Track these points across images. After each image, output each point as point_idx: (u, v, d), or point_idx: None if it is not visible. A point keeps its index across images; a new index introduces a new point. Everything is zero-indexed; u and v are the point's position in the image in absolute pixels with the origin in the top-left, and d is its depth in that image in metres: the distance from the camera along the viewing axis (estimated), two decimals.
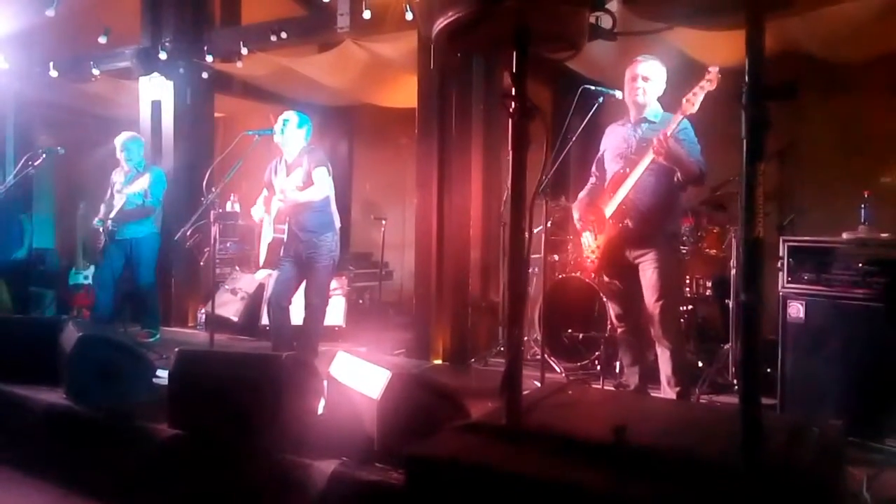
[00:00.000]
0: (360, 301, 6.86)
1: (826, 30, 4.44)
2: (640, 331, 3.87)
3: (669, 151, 3.46)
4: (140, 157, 5.99)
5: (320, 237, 4.59)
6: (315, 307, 4.67)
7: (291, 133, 4.63)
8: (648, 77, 3.70)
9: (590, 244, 3.88)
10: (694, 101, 3.41)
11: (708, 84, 3.38)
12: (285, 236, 4.54)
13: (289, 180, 4.49)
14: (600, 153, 4.01)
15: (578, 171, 6.61)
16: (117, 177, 5.99)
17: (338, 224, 4.75)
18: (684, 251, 4.60)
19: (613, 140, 3.90)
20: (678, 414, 2.81)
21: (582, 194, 4.06)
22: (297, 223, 4.55)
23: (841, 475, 2.18)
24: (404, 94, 6.50)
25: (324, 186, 4.52)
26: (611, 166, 3.86)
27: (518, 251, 2.07)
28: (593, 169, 4.07)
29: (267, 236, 4.70)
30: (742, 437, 1.79)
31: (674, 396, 3.67)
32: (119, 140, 5.94)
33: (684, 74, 4.24)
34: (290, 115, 4.68)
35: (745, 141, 1.70)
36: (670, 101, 3.78)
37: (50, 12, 6.71)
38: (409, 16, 5.32)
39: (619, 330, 3.95)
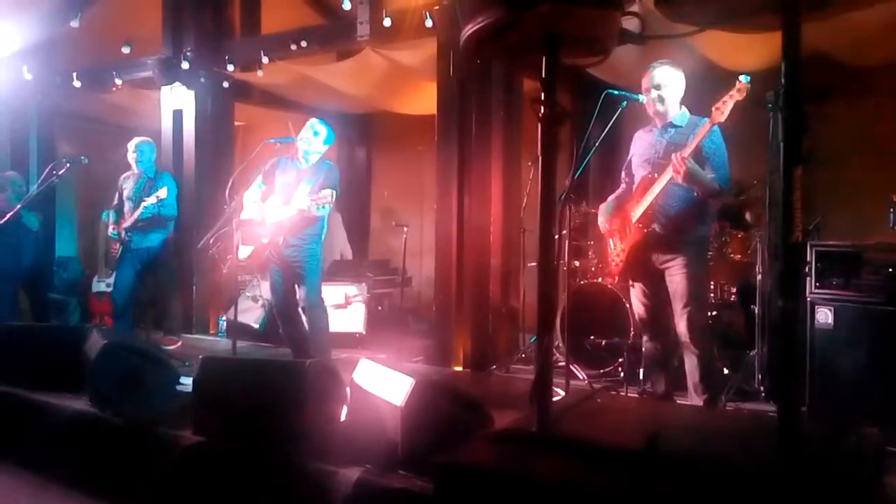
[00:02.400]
0: (380, 308, 6.86)
1: (849, 33, 4.39)
2: (665, 336, 3.83)
3: (687, 173, 3.46)
4: (151, 162, 6.02)
5: (307, 245, 4.63)
6: (314, 310, 4.69)
7: (318, 145, 4.68)
8: (662, 84, 3.67)
9: (615, 248, 3.85)
10: (723, 109, 3.38)
11: (738, 94, 3.35)
12: (282, 238, 4.58)
13: (314, 198, 4.41)
14: (628, 159, 3.97)
15: (599, 177, 6.60)
16: (126, 182, 6.02)
17: (324, 235, 4.79)
18: (709, 255, 4.55)
19: (641, 146, 3.87)
20: (709, 421, 2.78)
21: (611, 199, 4.02)
22: (289, 231, 4.58)
23: (880, 483, 2.13)
24: (423, 101, 6.51)
25: (328, 207, 4.53)
26: (639, 171, 3.83)
27: (548, 257, 2.05)
28: (623, 175, 4.04)
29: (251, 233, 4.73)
30: (780, 445, 1.76)
31: (701, 404, 3.62)
32: (132, 142, 5.97)
33: (708, 80, 4.21)
34: (322, 128, 4.70)
35: (782, 144, 1.68)
36: (696, 105, 3.76)
37: (74, 23, 6.82)
38: (428, 23, 5.33)
39: (644, 336, 3.91)
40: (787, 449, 1.72)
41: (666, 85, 3.68)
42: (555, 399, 3.09)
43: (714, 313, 4.70)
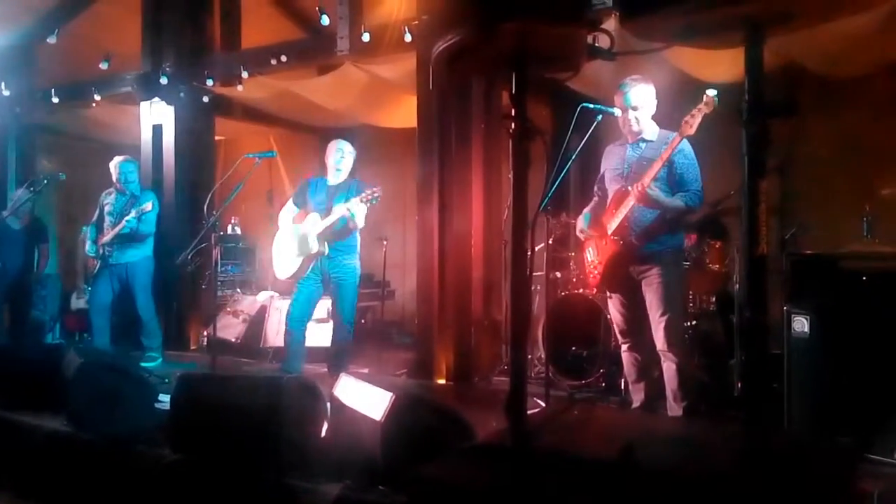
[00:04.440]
0: (363, 321, 6.84)
1: (824, 45, 4.46)
2: (644, 346, 3.85)
3: (648, 200, 3.54)
4: (137, 181, 6.01)
5: (346, 258, 4.81)
6: (345, 325, 4.83)
7: (350, 160, 4.94)
8: (638, 105, 3.71)
9: (592, 259, 3.88)
10: (692, 123, 3.43)
11: (706, 107, 3.40)
12: (326, 250, 4.72)
13: (355, 199, 4.64)
14: (601, 173, 4.03)
15: (579, 188, 6.63)
16: (108, 198, 5.99)
17: (359, 248, 4.98)
18: (686, 265, 4.59)
19: (612, 160, 3.93)
20: (686, 431, 2.79)
21: (586, 211, 4.08)
22: (330, 240, 4.74)
23: (851, 492, 2.15)
24: (404, 114, 6.53)
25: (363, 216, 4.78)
26: (612, 185, 3.88)
27: (521, 272, 2.06)
28: (595, 188, 4.10)
29: (289, 250, 4.85)
30: (748, 455, 1.78)
31: (680, 412, 3.64)
32: (115, 163, 5.93)
33: (682, 92, 4.25)
34: (347, 148, 4.95)
35: (745, 158, 1.70)
36: (668, 115, 3.80)
37: (51, 39, 6.80)
38: (407, 37, 5.37)
39: (624, 346, 3.93)
40: (758, 458, 1.74)
41: (642, 106, 3.72)
42: (534, 410, 3.11)
43: (693, 323, 4.73)
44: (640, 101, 3.71)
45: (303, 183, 5.03)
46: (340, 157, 4.90)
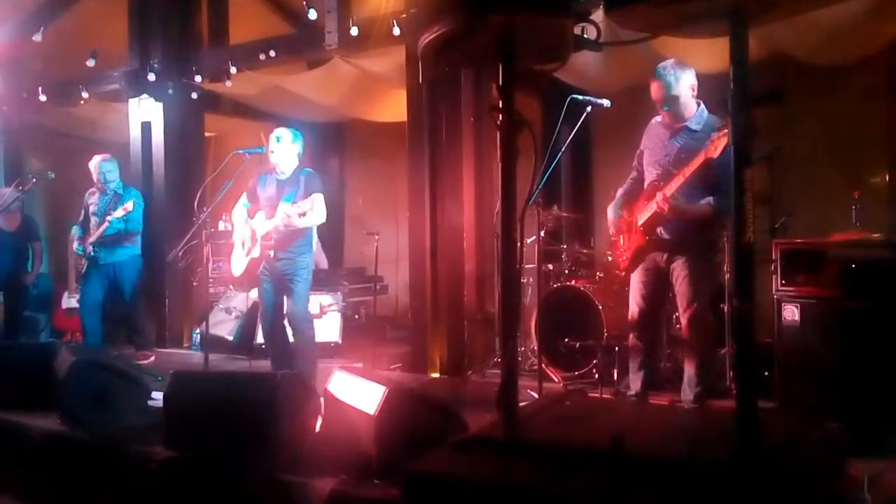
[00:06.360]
0: (356, 316, 6.83)
1: (811, 34, 4.47)
2: (652, 339, 3.81)
3: (673, 210, 3.47)
4: (118, 179, 5.98)
5: (298, 257, 4.60)
6: (302, 323, 4.66)
7: (286, 149, 4.60)
8: (680, 94, 3.51)
9: (623, 243, 3.84)
10: (718, 145, 3.20)
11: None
12: (272, 252, 4.55)
13: (293, 208, 4.39)
14: (640, 150, 3.87)
15: (569, 180, 6.66)
16: (92, 198, 5.96)
17: (315, 246, 4.78)
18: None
19: (653, 143, 3.76)
20: (676, 420, 2.81)
21: (620, 193, 3.95)
22: (279, 243, 4.54)
23: (841, 477, 2.17)
24: (394, 108, 6.52)
25: (323, 213, 4.52)
26: (648, 170, 3.75)
27: (510, 263, 2.06)
28: (634, 163, 3.93)
29: (240, 247, 4.73)
30: (739, 443, 1.79)
31: (691, 396, 3.60)
32: (94, 163, 5.89)
33: None
34: (283, 132, 4.65)
35: (732, 147, 1.71)
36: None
37: (37, 37, 6.75)
38: (396, 31, 5.35)
39: (632, 335, 3.84)
40: (746, 446, 1.75)
41: (678, 94, 3.51)
42: (526, 403, 3.11)
43: None
44: (682, 89, 3.51)
45: (255, 178, 4.81)
46: (272, 150, 4.58)
